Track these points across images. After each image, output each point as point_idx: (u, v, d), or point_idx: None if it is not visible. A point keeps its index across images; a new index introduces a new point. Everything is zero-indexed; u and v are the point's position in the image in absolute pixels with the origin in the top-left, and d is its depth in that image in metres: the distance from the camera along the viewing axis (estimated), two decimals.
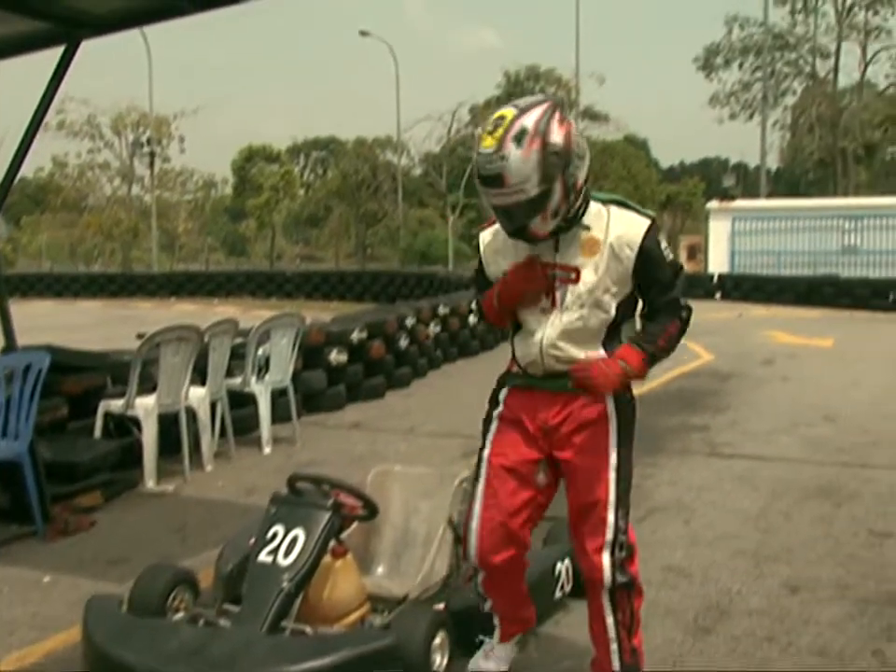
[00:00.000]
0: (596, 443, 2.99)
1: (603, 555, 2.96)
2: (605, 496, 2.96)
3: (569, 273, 2.90)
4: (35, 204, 55.08)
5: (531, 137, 2.71)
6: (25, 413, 5.00)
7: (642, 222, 2.90)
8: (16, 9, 4.72)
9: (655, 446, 7.21)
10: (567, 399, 2.99)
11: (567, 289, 2.91)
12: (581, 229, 2.91)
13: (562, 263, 2.91)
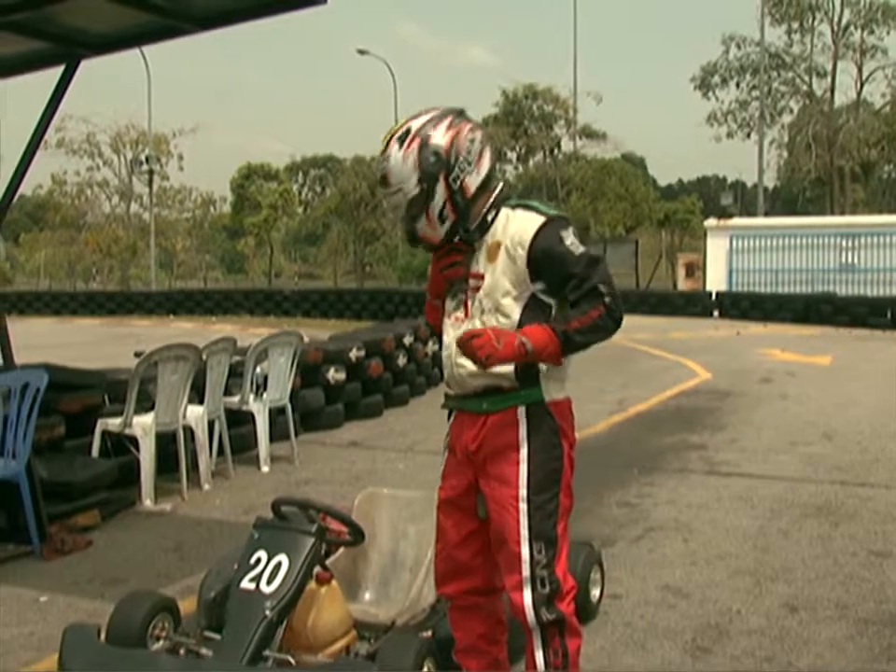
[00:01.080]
0: (505, 472, 2.80)
1: (523, 593, 2.75)
2: (515, 528, 2.76)
3: (478, 280, 2.83)
4: (33, 222, 55.12)
5: (411, 138, 2.74)
6: (23, 431, 4.99)
7: (535, 219, 2.77)
8: (17, 30, 4.74)
9: (653, 465, 7.21)
10: (482, 422, 2.84)
11: (476, 297, 2.83)
12: (489, 236, 2.83)
13: (473, 271, 2.85)
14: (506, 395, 2.81)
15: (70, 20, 4.80)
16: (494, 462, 2.82)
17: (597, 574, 4.24)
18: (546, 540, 2.77)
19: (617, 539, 5.29)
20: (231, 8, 4.82)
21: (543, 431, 2.80)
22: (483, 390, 2.82)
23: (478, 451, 2.85)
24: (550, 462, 2.80)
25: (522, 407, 2.80)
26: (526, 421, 2.80)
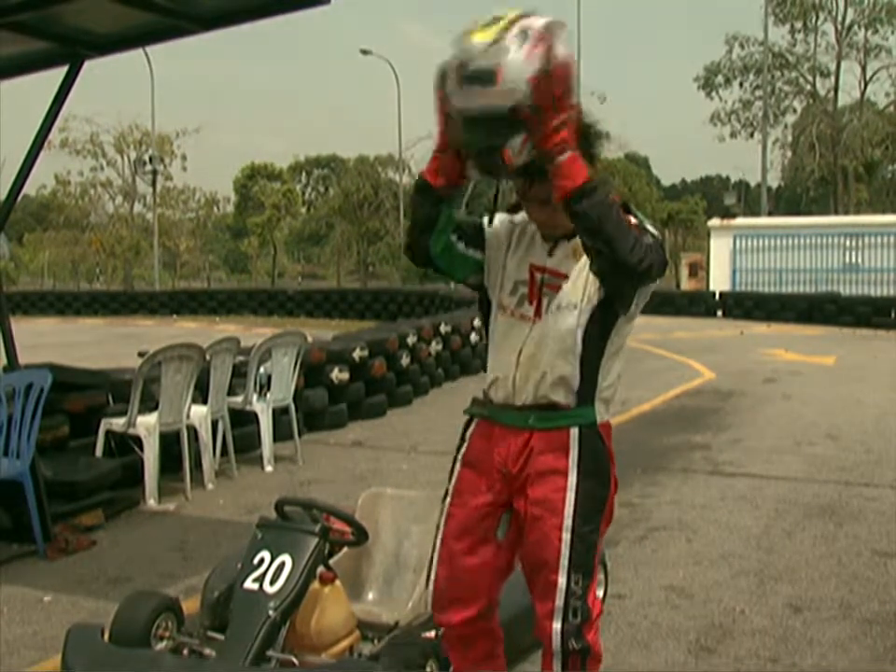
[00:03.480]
0: (550, 497, 2.58)
1: (553, 622, 2.58)
2: (555, 557, 2.57)
3: (559, 279, 2.60)
4: (37, 222, 55.22)
5: (539, 37, 2.25)
6: (27, 431, 5.00)
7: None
8: (21, 30, 4.74)
9: (656, 465, 7.21)
10: (526, 439, 2.61)
11: (554, 296, 2.59)
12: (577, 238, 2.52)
13: (551, 267, 2.62)
14: (559, 413, 2.59)
15: (74, 20, 4.80)
16: (538, 485, 2.60)
17: (601, 574, 4.23)
18: (584, 571, 2.59)
19: (620, 540, 5.29)
20: (235, 8, 4.82)
21: (594, 456, 2.59)
22: (534, 404, 2.59)
23: (520, 472, 2.62)
24: (598, 489, 2.61)
25: (575, 429, 2.58)
26: (578, 444, 2.58)
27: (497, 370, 2.66)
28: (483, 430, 2.72)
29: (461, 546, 2.70)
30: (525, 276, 2.63)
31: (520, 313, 2.62)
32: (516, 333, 2.62)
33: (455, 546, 2.71)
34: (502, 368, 2.64)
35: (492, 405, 2.68)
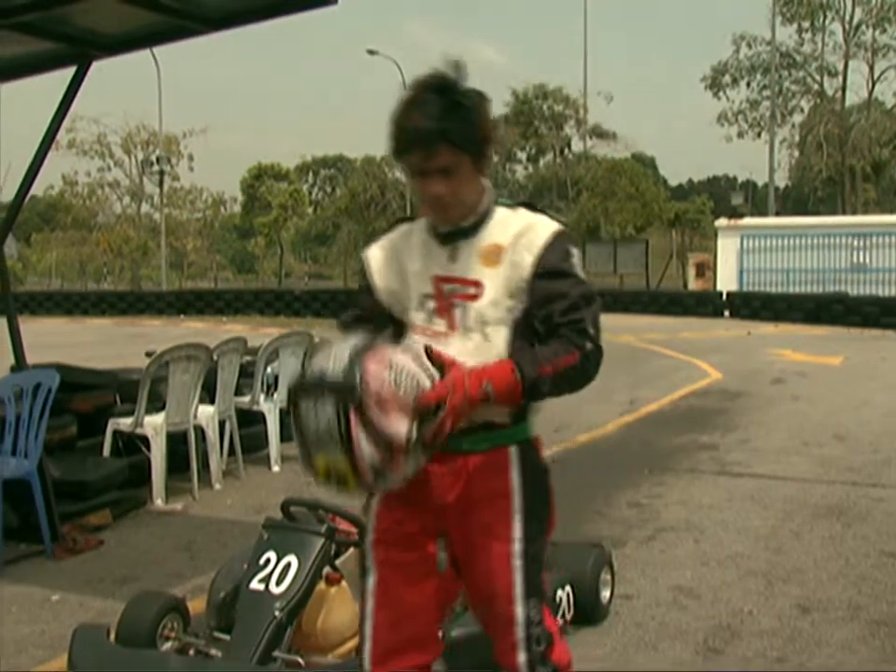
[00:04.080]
0: (496, 525, 2.35)
1: (517, 654, 2.38)
2: (508, 589, 2.35)
3: (469, 287, 2.34)
4: (44, 222, 55.34)
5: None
6: (35, 431, 5.01)
7: (549, 225, 2.35)
8: (29, 31, 4.75)
9: (664, 465, 7.20)
10: (460, 465, 2.34)
11: (468, 307, 2.34)
12: (482, 234, 2.36)
13: (458, 276, 2.36)
14: (496, 432, 2.35)
15: (82, 20, 4.81)
16: (480, 511, 2.35)
17: (608, 575, 4.23)
18: (538, 595, 2.42)
19: (628, 540, 5.28)
20: (242, 9, 4.82)
21: (535, 474, 2.41)
22: (466, 426, 2.27)
23: (456, 501, 2.36)
24: (542, 508, 2.43)
25: (513, 447, 2.37)
26: (519, 463, 2.37)
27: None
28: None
29: (401, 584, 2.41)
30: (429, 289, 2.39)
31: (432, 329, 2.37)
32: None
33: (397, 587, 2.41)
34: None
35: None
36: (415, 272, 2.42)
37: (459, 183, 2.29)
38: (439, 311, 2.38)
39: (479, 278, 2.34)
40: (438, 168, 2.25)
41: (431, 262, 2.40)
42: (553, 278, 2.30)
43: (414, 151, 2.26)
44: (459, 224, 2.37)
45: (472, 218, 2.37)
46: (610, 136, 43.83)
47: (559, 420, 8.76)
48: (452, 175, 2.27)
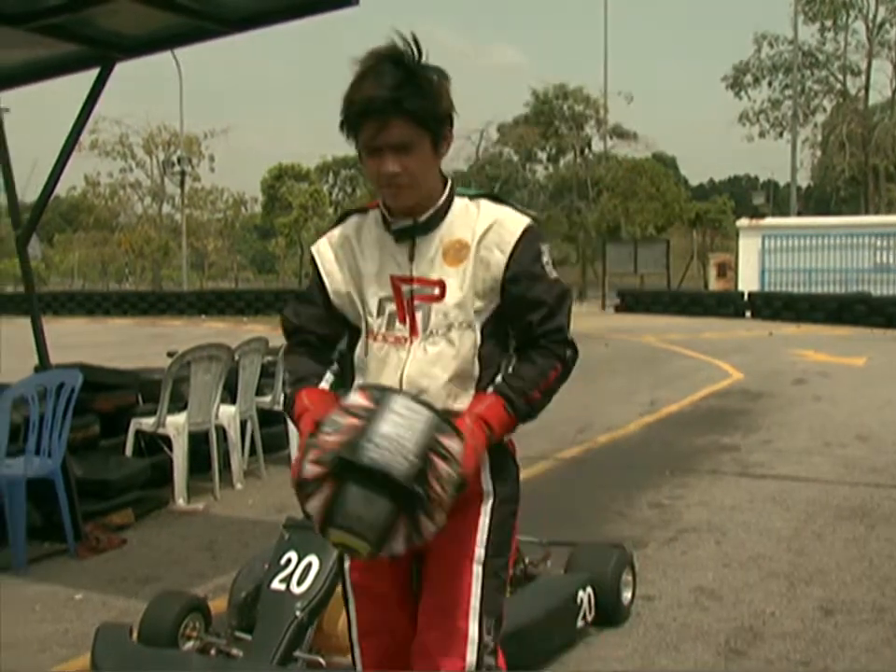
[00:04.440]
0: (460, 527, 2.15)
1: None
2: (463, 598, 2.16)
3: (431, 287, 2.16)
4: (67, 223, 55.73)
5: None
6: (58, 430, 5.04)
7: (519, 220, 2.18)
8: (53, 33, 4.79)
9: (685, 466, 7.17)
10: None
11: (431, 309, 2.16)
12: (442, 229, 2.18)
13: (420, 277, 2.17)
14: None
15: (105, 22, 4.84)
16: (448, 521, 2.06)
17: (629, 576, 4.22)
18: (497, 618, 2.21)
19: (649, 541, 5.26)
20: (263, 10, 4.84)
21: (507, 477, 2.25)
22: None
23: None
24: (510, 518, 2.26)
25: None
26: (490, 467, 2.20)
27: None
28: None
29: (382, 604, 2.28)
30: (388, 292, 2.19)
31: (393, 336, 2.18)
32: (392, 360, 2.18)
33: (376, 607, 2.29)
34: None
35: None
36: (371, 273, 2.21)
37: (416, 162, 2.07)
38: (399, 315, 2.18)
39: (442, 277, 2.16)
40: (392, 143, 2.04)
41: (388, 262, 2.20)
42: (529, 282, 2.15)
43: (367, 123, 2.04)
44: (416, 218, 2.16)
45: (430, 211, 2.17)
46: (631, 136, 43.63)
47: (580, 421, 8.76)
48: (408, 153, 2.06)
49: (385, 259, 2.20)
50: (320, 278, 2.28)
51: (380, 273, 2.20)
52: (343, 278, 2.25)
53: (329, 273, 2.27)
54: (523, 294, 2.16)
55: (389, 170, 2.06)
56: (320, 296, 2.28)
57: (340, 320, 2.28)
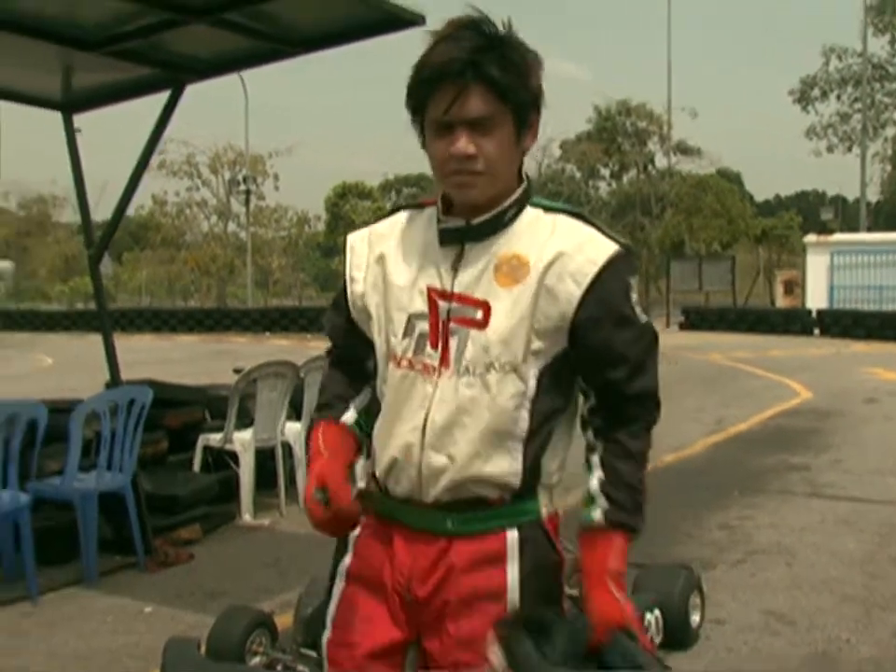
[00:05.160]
0: (479, 637, 1.63)
1: None
2: None
3: (473, 309, 1.71)
4: (135, 241, 56.83)
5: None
6: (129, 446, 5.13)
7: (605, 245, 1.71)
8: (127, 57, 4.89)
9: (754, 486, 7.05)
10: (441, 550, 1.75)
11: (470, 337, 1.70)
12: (500, 239, 1.73)
13: (462, 293, 1.72)
14: (490, 511, 1.74)
15: (176, 46, 4.93)
16: (464, 619, 1.73)
17: (698, 598, 4.15)
18: None
19: (718, 563, 5.17)
20: (331, 32, 4.88)
21: (542, 569, 1.77)
22: (453, 500, 1.73)
23: (431, 598, 1.76)
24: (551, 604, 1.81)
25: (513, 531, 1.75)
26: (520, 554, 1.74)
27: (394, 447, 1.77)
28: (375, 532, 1.84)
29: None
30: (422, 307, 1.74)
31: (420, 362, 1.74)
32: (418, 394, 1.74)
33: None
34: (400, 445, 1.76)
35: (389, 498, 1.81)
36: (403, 281, 1.78)
37: (495, 146, 1.66)
38: (432, 337, 1.73)
39: (487, 298, 1.70)
40: (469, 117, 1.64)
41: (427, 269, 1.76)
42: (613, 328, 1.71)
43: (439, 91, 1.63)
44: (470, 220, 1.73)
45: (492, 212, 1.73)
46: (695, 152, 43.32)
47: None
48: (487, 132, 1.65)
49: (426, 267, 1.76)
50: (345, 281, 1.89)
51: (415, 282, 1.76)
52: (367, 284, 1.84)
53: (355, 278, 1.86)
54: (604, 343, 1.71)
55: (462, 150, 1.65)
56: (343, 302, 1.90)
57: (362, 337, 1.88)
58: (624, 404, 1.76)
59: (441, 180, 1.73)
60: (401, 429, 1.76)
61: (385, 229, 1.87)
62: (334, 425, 1.91)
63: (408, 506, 1.79)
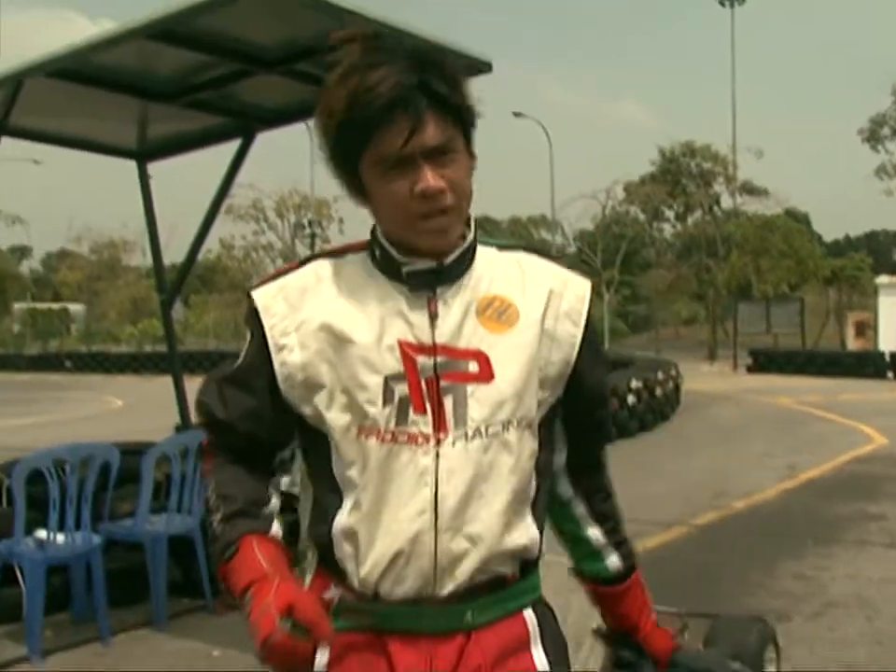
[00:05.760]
0: None
1: None
2: None
3: (465, 361, 1.46)
4: (203, 284, 57.91)
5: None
6: (198, 489, 5.17)
7: (581, 279, 1.59)
8: (201, 107, 5.02)
9: (830, 536, 6.86)
10: (461, 645, 1.47)
11: (469, 393, 1.45)
12: (469, 281, 1.51)
13: (448, 345, 1.47)
14: (506, 591, 1.51)
15: (248, 96, 5.05)
16: None
17: (772, 653, 4.01)
18: None
19: (793, 615, 5.03)
20: None
21: (561, 650, 1.61)
22: (471, 587, 1.46)
23: None
24: None
25: (528, 610, 1.55)
26: (540, 633, 1.55)
27: (393, 540, 1.44)
28: (359, 651, 1.48)
29: None
30: (395, 366, 1.45)
31: (405, 432, 1.44)
32: (411, 470, 1.44)
33: None
34: (403, 536, 1.44)
35: (384, 606, 1.46)
36: (366, 338, 1.46)
37: (460, 174, 1.45)
38: (415, 401, 1.45)
39: (480, 348, 1.47)
40: (430, 147, 1.40)
41: (393, 322, 1.47)
42: (600, 366, 1.62)
43: (392, 122, 1.38)
44: (442, 259, 1.48)
45: (459, 250, 1.50)
46: (761, 192, 42.93)
47: (715, 485, 8.51)
48: (448, 161, 1.43)
49: (389, 318, 1.47)
50: (266, 349, 1.51)
51: (381, 338, 1.46)
52: (310, 350, 1.48)
53: (284, 345, 1.49)
54: (597, 384, 1.61)
55: (433, 185, 1.40)
56: (261, 378, 1.53)
57: (288, 418, 1.55)
58: (601, 443, 1.68)
59: (404, 228, 1.45)
60: (399, 516, 1.44)
61: (305, 282, 1.52)
62: (264, 535, 1.59)
63: (414, 607, 1.45)
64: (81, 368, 39.06)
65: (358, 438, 1.46)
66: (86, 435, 8.41)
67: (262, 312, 1.51)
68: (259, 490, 1.61)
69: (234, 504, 1.57)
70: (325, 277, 1.52)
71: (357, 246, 1.56)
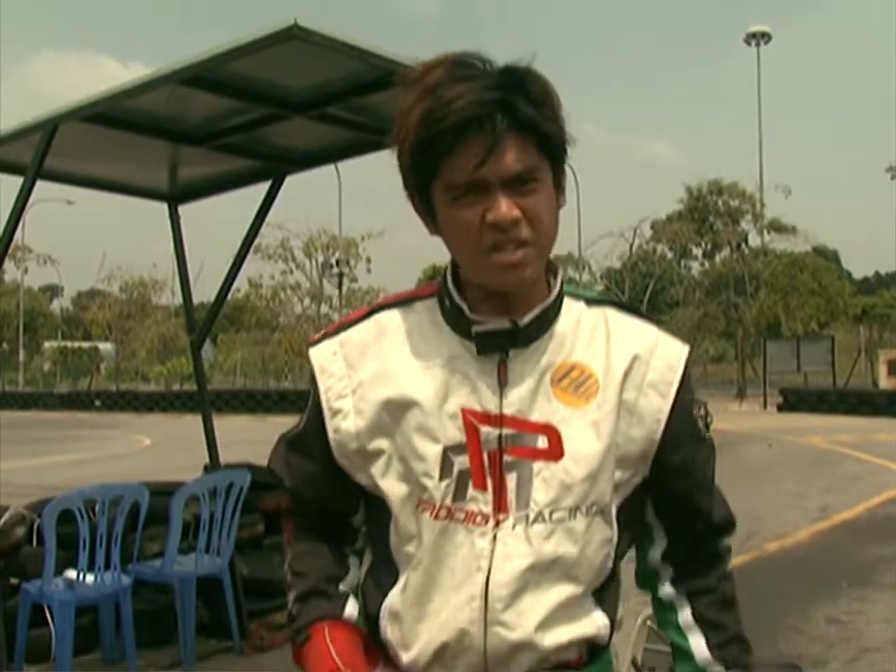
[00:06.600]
0: None
1: None
2: None
3: (533, 435, 1.33)
4: (230, 323, 58.27)
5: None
6: (227, 529, 5.17)
7: (676, 345, 1.42)
8: (232, 150, 5.08)
9: (864, 579, 6.75)
10: None
11: (535, 472, 1.32)
12: (548, 344, 1.36)
13: (514, 415, 1.33)
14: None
15: (278, 139, 5.10)
16: None
17: None
18: None
19: (829, 660, 4.94)
20: None
21: None
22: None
23: None
24: None
25: None
26: None
27: (440, 628, 1.33)
28: None
29: None
30: (457, 436, 1.33)
31: (462, 509, 1.32)
32: (465, 551, 1.32)
33: None
34: (451, 624, 1.32)
35: None
36: (427, 402, 1.34)
37: (542, 207, 1.29)
38: (476, 476, 1.31)
39: (551, 421, 1.33)
40: (511, 173, 1.25)
41: (457, 385, 1.34)
42: (693, 445, 1.43)
43: (465, 144, 1.23)
44: (517, 319, 1.33)
45: (539, 308, 1.35)
46: (790, 230, 42.73)
47: (747, 527, 8.39)
48: (529, 191, 1.27)
49: (454, 383, 1.34)
50: (321, 413, 1.42)
51: (443, 404, 1.33)
52: (365, 417, 1.37)
53: (339, 409, 1.40)
54: (686, 464, 1.42)
55: (506, 215, 1.25)
56: (319, 444, 1.44)
57: (350, 484, 1.44)
58: (711, 539, 1.47)
59: (473, 262, 1.31)
60: (447, 601, 1.32)
61: (365, 337, 1.41)
62: (337, 622, 1.45)
63: None
64: (111, 406, 39.33)
65: (416, 511, 1.34)
66: (114, 474, 8.44)
67: (318, 373, 1.42)
68: (333, 563, 1.50)
69: (307, 582, 1.48)
70: (388, 331, 1.40)
71: (429, 291, 1.42)
